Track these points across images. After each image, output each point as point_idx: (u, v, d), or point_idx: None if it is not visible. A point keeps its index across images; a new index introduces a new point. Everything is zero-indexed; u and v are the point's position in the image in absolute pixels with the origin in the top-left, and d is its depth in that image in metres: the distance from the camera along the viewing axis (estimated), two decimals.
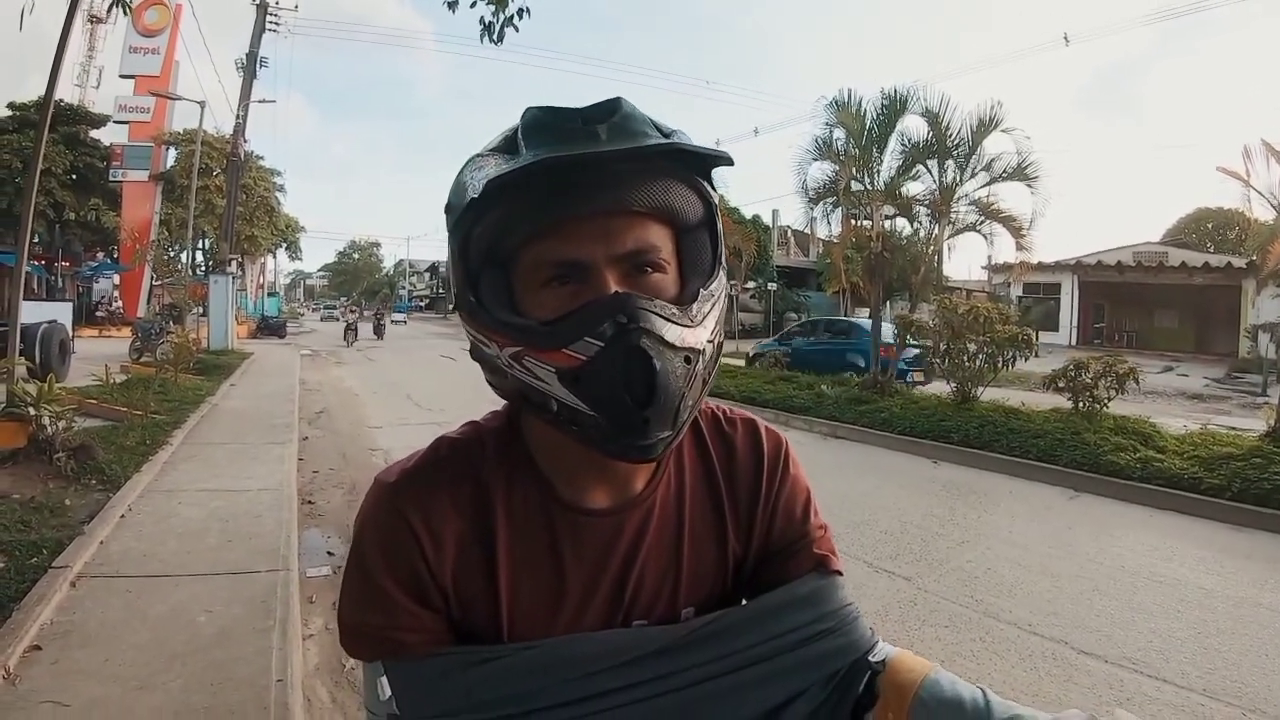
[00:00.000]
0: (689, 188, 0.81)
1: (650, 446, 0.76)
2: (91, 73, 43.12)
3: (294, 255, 51.76)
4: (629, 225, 0.77)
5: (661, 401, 0.74)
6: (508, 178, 0.73)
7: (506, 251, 0.78)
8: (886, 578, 5.27)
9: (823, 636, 0.89)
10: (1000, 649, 4.23)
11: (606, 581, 0.89)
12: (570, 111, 0.78)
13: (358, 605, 0.85)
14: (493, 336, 0.80)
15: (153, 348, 16.45)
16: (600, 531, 0.89)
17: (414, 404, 13.17)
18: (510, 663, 0.82)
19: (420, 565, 0.84)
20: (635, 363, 0.73)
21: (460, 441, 0.93)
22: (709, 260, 0.84)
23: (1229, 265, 29.87)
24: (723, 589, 0.97)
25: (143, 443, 7.70)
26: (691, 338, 0.77)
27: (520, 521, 0.88)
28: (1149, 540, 6.43)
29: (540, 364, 0.76)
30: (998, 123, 12.68)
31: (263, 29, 25.69)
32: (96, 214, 32.83)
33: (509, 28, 6.15)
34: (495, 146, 0.82)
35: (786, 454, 1.03)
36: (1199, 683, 3.89)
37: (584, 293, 0.76)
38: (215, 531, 5.30)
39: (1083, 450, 8.70)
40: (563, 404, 0.77)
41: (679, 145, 0.77)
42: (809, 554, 0.97)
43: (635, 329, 0.73)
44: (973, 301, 12.77)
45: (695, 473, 0.97)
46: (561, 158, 0.72)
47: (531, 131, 0.78)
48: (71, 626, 3.73)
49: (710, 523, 0.96)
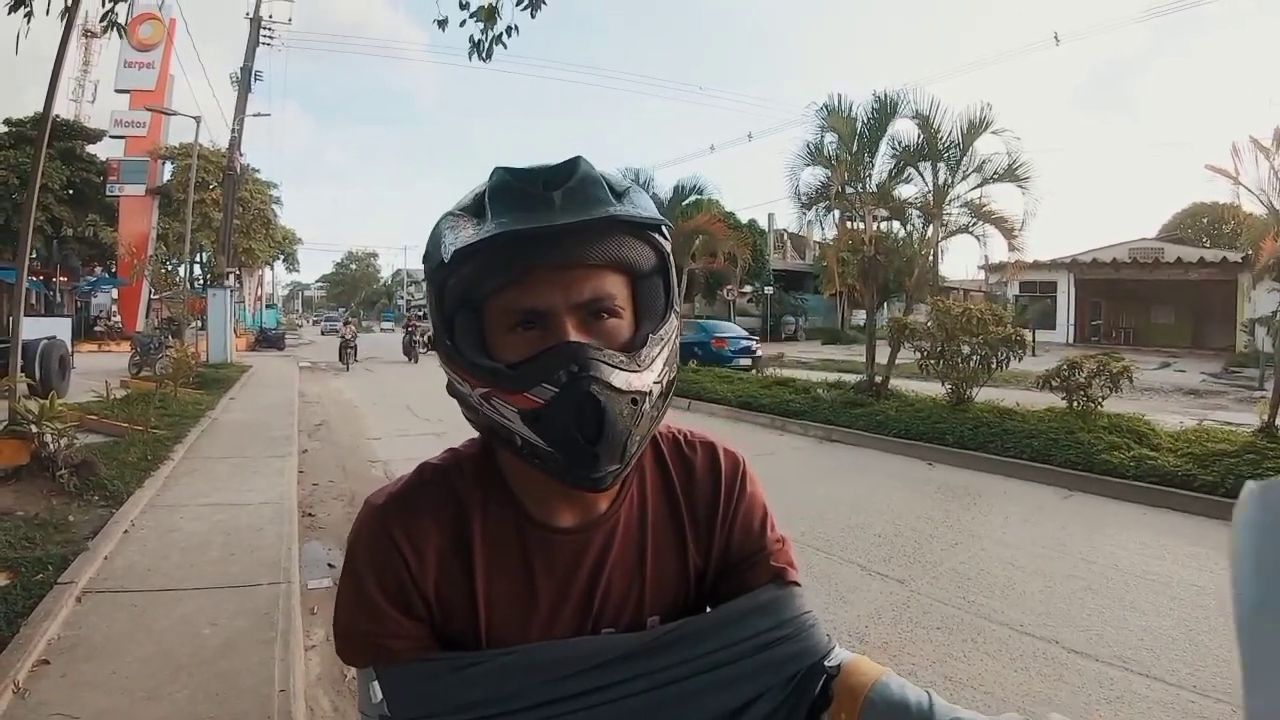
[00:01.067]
0: (641, 240, 0.90)
1: (600, 478, 0.86)
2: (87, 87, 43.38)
3: (291, 267, 51.74)
4: (586, 276, 0.86)
5: (609, 439, 0.83)
6: (471, 247, 0.83)
7: (478, 299, 0.87)
8: (880, 580, 5.33)
9: (781, 642, 0.97)
10: (992, 650, 4.28)
11: (575, 592, 0.98)
12: (532, 174, 0.87)
13: (350, 614, 0.94)
14: (466, 377, 0.89)
15: (152, 362, 16.46)
16: (568, 547, 0.98)
17: (413, 415, 13.19)
18: (489, 668, 0.90)
19: (405, 578, 0.93)
20: (586, 406, 0.82)
21: (441, 467, 1.02)
22: (662, 305, 0.93)
23: (1224, 260, 29.93)
24: (685, 598, 1.04)
25: (144, 458, 7.75)
26: (639, 381, 0.86)
27: (495, 539, 0.97)
28: (1142, 538, 6.48)
29: (505, 405, 0.86)
30: (988, 124, 12.75)
31: (257, 43, 25.78)
32: (94, 229, 32.85)
33: (498, 45, 6.22)
34: (465, 206, 0.91)
35: (744, 473, 1.11)
36: (1189, 680, 3.94)
37: (546, 338, 0.85)
38: (217, 545, 5.36)
39: (1077, 450, 8.75)
40: (525, 440, 0.87)
41: (618, 218, 0.85)
42: (767, 566, 1.05)
43: (586, 376, 0.82)
44: (967, 302, 12.81)
45: (657, 492, 1.06)
46: (519, 232, 0.81)
47: (496, 196, 0.86)
48: (78, 640, 3.78)
49: (671, 537, 1.04)
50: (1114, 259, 33.37)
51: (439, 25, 6.21)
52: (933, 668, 4.06)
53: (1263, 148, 9.03)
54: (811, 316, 43.36)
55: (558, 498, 0.97)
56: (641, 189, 0.92)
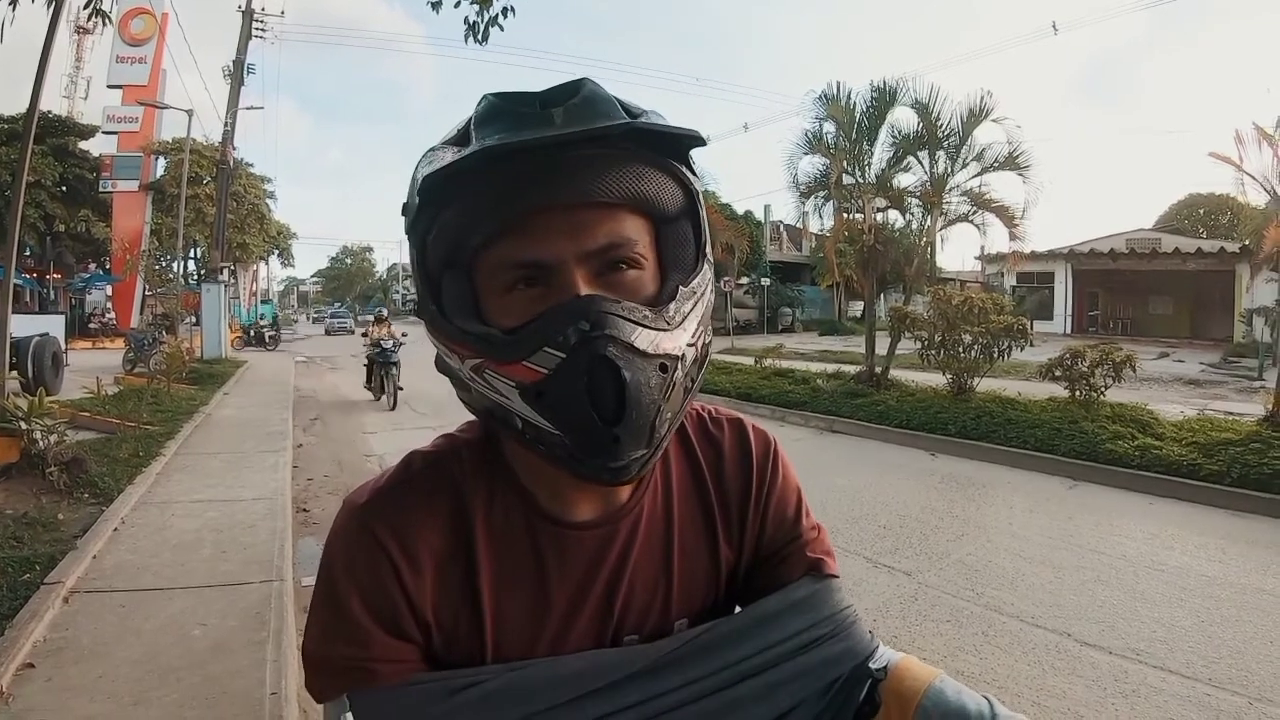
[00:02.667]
0: (665, 174, 0.75)
1: (623, 468, 0.71)
2: (79, 83, 43.10)
3: (286, 262, 51.56)
4: (600, 218, 0.71)
5: (633, 418, 0.68)
6: (450, 169, 0.68)
7: (467, 253, 0.72)
8: (886, 573, 5.24)
9: (821, 642, 0.86)
10: (1003, 643, 4.20)
11: (594, 596, 0.85)
12: (527, 96, 0.72)
13: (325, 640, 0.80)
14: (454, 347, 0.75)
15: (146, 358, 16.37)
16: (586, 544, 0.85)
17: (410, 409, 13.11)
18: (490, 688, 0.77)
19: (395, 591, 0.79)
20: (601, 375, 0.67)
21: (434, 455, 0.88)
22: (692, 253, 0.78)
23: (1222, 250, 29.86)
24: (715, 597, 0.93)
25: (136, 454, 7.64)
26: (668, 342, 0.71)
27: (501, 537, 0.84)
28: (1149, 528, 6.40)
29: (501, 378, 0.71)
30: (988, 112, 12.69)
31: (249, 36, 25.59)
32: (87, 225, 32.70)
33: (494, 27, 6.12)
34: (448, 138, 0.76)
35: (776, 454, 0.99)
36: (1204, 672, 3.87)
37: (551, 296, 0.70)
38: (209, 543, 5.25)
39: (1080, 439, 8.69)
40: (526, 421, 0.72)
41: (639, 125, 0.70)
42: (803, 557, 0.94)
43: (600, 336, 0.67)
44: (967, 292, 12.72)
45: (683, 478, 0.93)
46: (507, 144, 0.67)
47: (484, 119, 0.72)
48: (65, 643, 3.68)
49: (700, 529, 0.92)
50: (1111, 249, 33.26)
51: (433, 7, 6.11)
52: (944, 662, 3.95)
53: (1266, 135, 8.96)
54: (808, 308, 43.32)
55: (573, 488, 0.83)
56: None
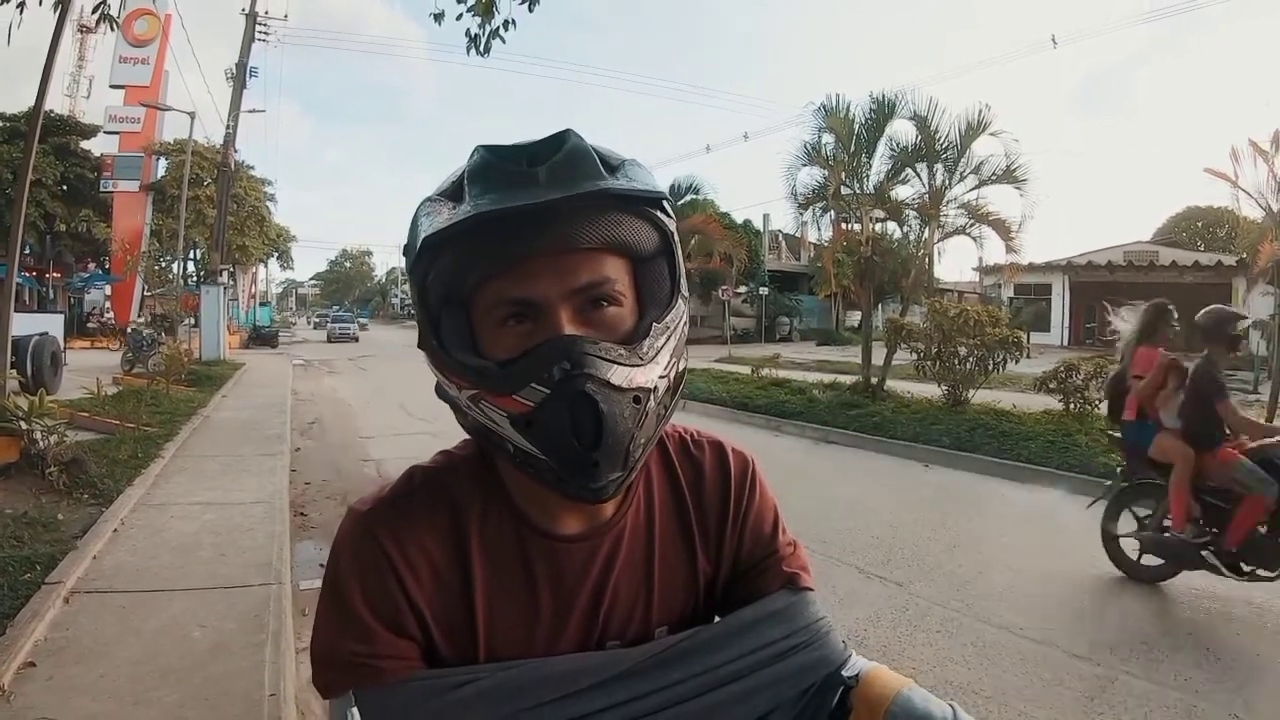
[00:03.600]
0: (641, 219, 0.82)
1: (601, 488, 0.79)
2: (81, 83, 43.06)
3: (285, 264, 51.61)
4: (582, 260, 0.78)
5: (610, 444, 0.76)
6: (443, 234, 0.76)
7: (463, 292, 0.80)
8: (879, 583, 5.28)
9: (796, 651, 0.91)
10: (992, 653, 4.24)
11: (580, 604, 0.91)
12: (515, 153, 0.79)
13: (334, 634, 0.85)
14: (452, 378, 0.83)
15: (145, 359, 16.40)
16: (573, 557, 0.91)
17: (407, 414, 13.12)
18: (485, 685, 0.83)
19: (396, 592, 0.85)
20: (581, 408, 0.74)
21: (434, 470, 0.94)
22: (667, 289, 0.85)
23: (1219, 264, 29.97)
24: (694, 608, 0.99)
25: (135, 455, 7.68)
26: (641, 376, 0.79)
27: (495, 548, 0.90)
28: None
29: (494, 409, 0.79)
30: (986, 126, 12.75)
31: (252, 39, 25.65)
32: (87, 225, 32.67)
33: (495, 39, 6.16)
34: (444, 190, 0.83)
35: (753, 474, 1.06)
36: (1190, 684, 3.91)
37: (538, 332, 0.78)
38: (208, 545, 5.29)
39: (1075, 452, 8.73)
40: (517, 447, 0.80)
41: (608, 190, 0.77)
42: (779, 571, 0.99)
43: (580, 374, 0.74)
44: (963, 304, 12.79)
45: (664, 496, 0.99)
46: (495, 211, 0.74)
47: (475, 176, 0.79)
48: (66, 642, 3.72)
49: (679, 544, 0.99)
50: (1109, 262, 33.35)
51: (435, 19, 6.14)
52: (933, 672, 4.01)
53: (1262, 151, 9.03)
54: (806, 317, 43.36)
55: (561, 504, 0.89)
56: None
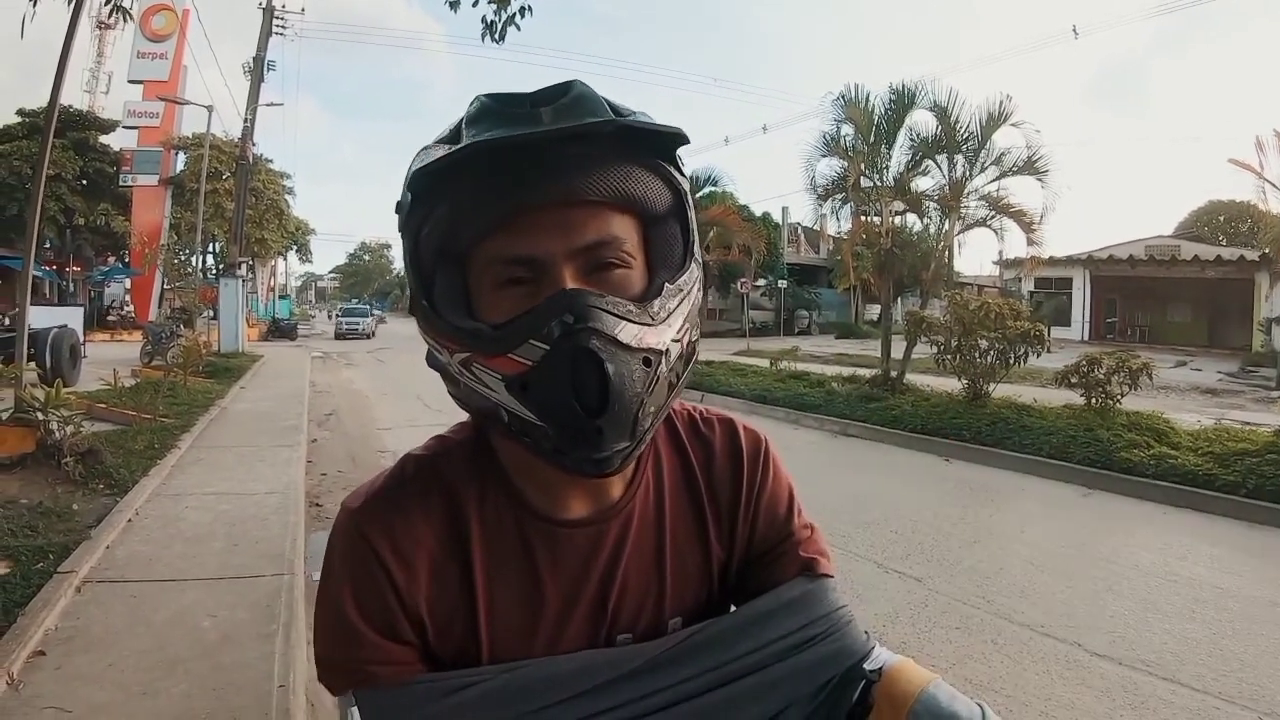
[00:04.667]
0: (652, 173, 0.76)
1: (606, 459, 0.72)
2: (100, 78, 43.46)
3: (304, 258, 51.78)
4: (588, 216, 0.72)
5: (616, 409, 0.69)
6: (435, 165, 0.70)
7: (459, 250, 0.74)
8: (897, 578, 5.22)
9: (814, 643, 0.86)
10: (1012, 651, 4.18)
11: (587, 595, 0.86)
12: (518, 96, 0.74)
13: (327, 639, 0.82)
14: (443, 342, 0.76)
15: (163, 351, 16.48)
16: (578, 543, 0.86)
17: (424, 405, 13.12)
18: (485, 689, 0.78)
19: (389, 596, 0.80)
20: (585, 367, 0.68)
21: (427, 458, 0.89)
22: (679, 253, 0.79)
23: (1241, 258, 29.64)
24: (708, 596, 0.93)
25: (151, 446, 7.69)
26: (651, 337, 0.72)
27: (494, 536, 0.84)
28: (1163, 539, 6.36)
29: (487, 370, 0.73)
30: (1007, 116, 12.60)
31: (269, 32, 25.70)
32: (106, 219, 32.95)
33: (511, 26, 6.12)
34: (441, 137, 0.77)
35: (767, 452, 1.00)
36: (1214, 686, 3.83)
37: (540, 293, 0.71)
38: (221, 535, 5.28)
39: (1095, 447, 8.62)
40: (512, 414, 0.73)
41: (624, 123, 0.71)
42: (796, 556, 0.94)
43: (584, 329, 0.68)
44: (984, 297, 12.66)
45: (674, 476, 0.94)
46: (496, 139, 0.68)
47: (474, 118, 0.74)
48: (75, 632, 3.70)
49: (692, 528, 0.93)
50: (1130, 256, 33.07)
51: (451, 6, 6.11)
52: (952, 669, 3.95)
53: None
54: (825, 311, 43.23)
55: (565, 485, 0.84)
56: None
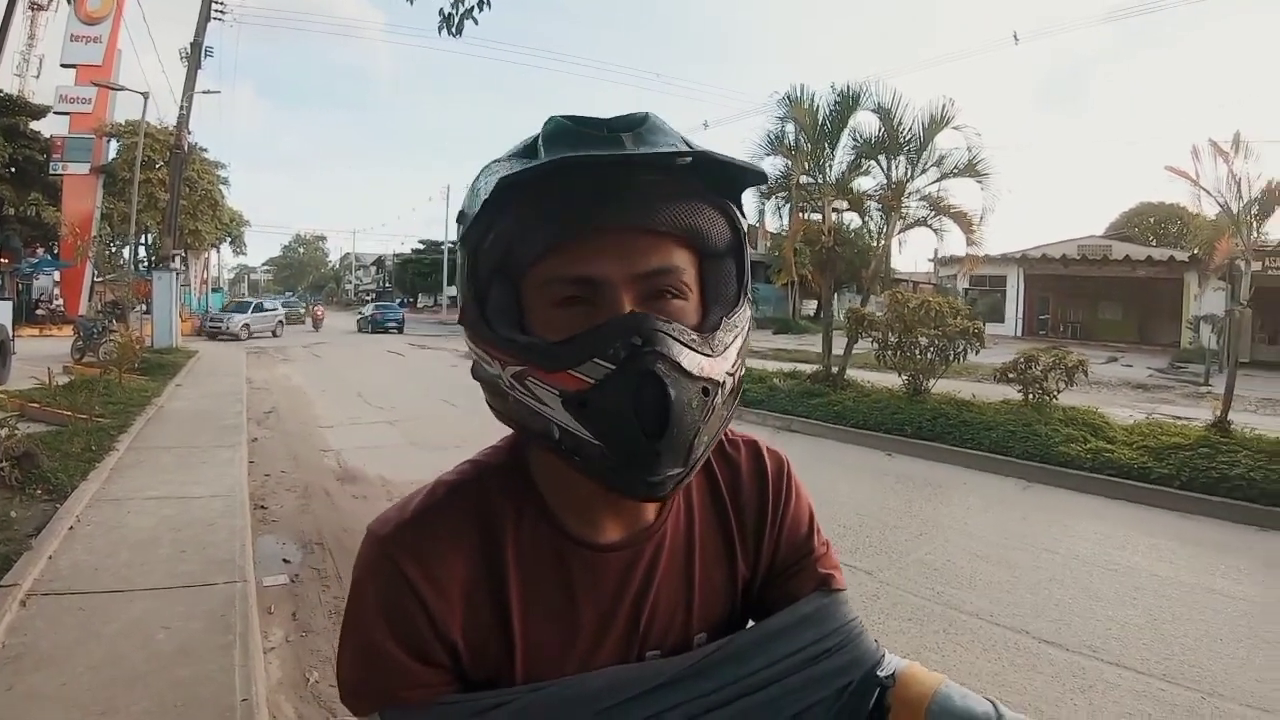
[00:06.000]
0: (718, 211, 0.78)
1: (659, 484, 0.72)
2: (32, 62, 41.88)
3: (238, 250, 50.73)
4: (652, 244, 0.74)
5: (675, 434, 0.70)
6: (524, 175, 0.69)
7: (518, 265, 0.74)
8: (848, 572, 5.13)
9: (830, 654, 0.89)
10: (963, 640, 4.30)
11: (621, 616, 0.87)
12: (595, 120, 0.75)
13: (358, 665, 0.81)
14: (495, 354, 0.76)
15: (95, 347, 16.03)
16: (614, 566, 0.87)
17: (365, 402, 12.99)
18: (515, 708, 0.78)
19: (422, 622, 0.79)
20: (648, 389, 0.69)
21: (459, 483, 0.88)
22: (734, 290, 0.81)
23: (1172, 259, 30.63)
24: (731, 611, 0.96)
25: (88, 448, 7.46)
26: (712, 368, 0.74)
27: (531, 561, 0.85)
28: (1102, 529, 6.57)
29: (544, 386, 0.73)
30: (949, 120, 12.78)
31: (208, 17, 24.99)
32: (36, 208, 31.76)
33: (468, 20, 6.05)
34: (513, 152, 0.78)
35: (789, 474, 1.02)
36: (1158, 668, 4.00)
37: (598, 315, 0.72)
38: (167, 542, 5.15)
39: (1034, 442, 8.87)
40: (565, 431, 0.73)
41: (710, 155, 0.72)
42: (814, 572, 0.97)
43: (650, 352, 0.69)
44: (923, 295, 12.87)
45: (703, 498, 0.95)
46: (584, 157, 0.69)
47: (553, 137, 0.74)
48: (24, 649, 3.58)
49: (719, 546, 0.95)
50: (1063, 255, 33.86)
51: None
52: (907, 659, 4.02)
53: (1222, 150, 9.15)
54: (763, 306, 43.50)
55: (602, 509, 0.85)
56: None
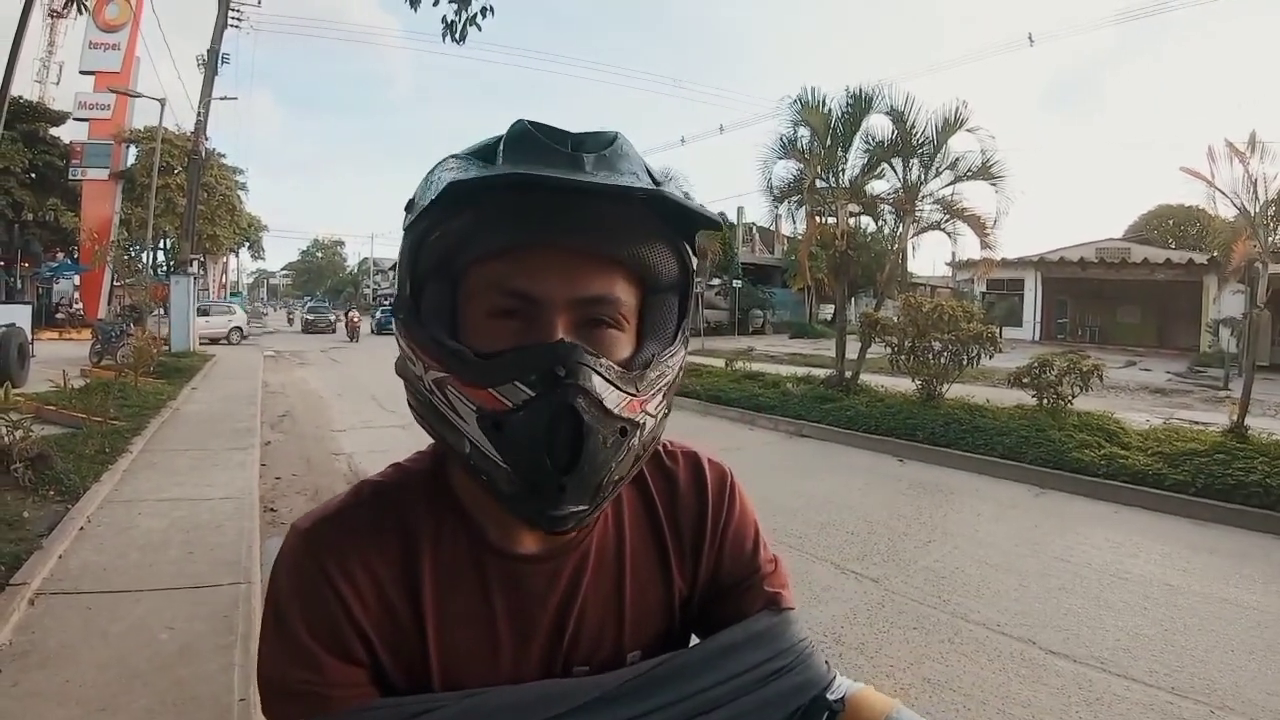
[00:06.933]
0: (669, 248, 0.77)
1: (560, 518, 0.72)
2: (51, 69, 42.41)
3: (256, 254, 51.10)
4: (596, 270, 0.72)
5: (584, 471, 0.69)
6: (474, 183, 0.68)
7: (458, 267, 0.73)
8: (854, 579, 5.27)
9: (780, 675, 0.86)
10: (969, 650, 4.25)
11: (543, 628, 0.85)
12: (559, 133, 0.73)
13: (279, 662, 0.79)
14: (420, 355, 0.75)
15: (113, 350, 16.16)
16: (534, 578, 0.85)
17: (379, 406, 13.03)
18: (445, 715, 0.77)
19: (340, 616, 0.78)
20: (564, 422, 0.68)
21: (384, 485, 0.87)
22: (672, 329, 0.80)
23: (1190, 261, 30.31)
24: (669, 630, 0.93)
25: (102, 450, 7.53)
26: (633, 407, 0.73)
27: (449, 569, 0.83)
28: (1114, 537, 6.50)
29: (462, 399, 0.72)
30: (962, 122, 12.72)
31: (224, 25, 25.23)
32: (55, 213, 32.13)
33: (471, 26, 6.08)
34: (473, 150, 0.76)
35: (732, 486, 0.99)
36: (1167, 681, 3.93)
37: (529, 332, 0.71)
38: (176, 543, 5.19)
39: (1048, 447, 8.79)
40: (476, 448, 0.72)
41: (666, 195, 0.71)
42: (761, 590, 0.94)
43: (573, 385, 0.68)
44: (937, 299, 12.82)
45: (634, 510, 0.93)
46: (537, 176, 0.67)
47: (513, 144, 0.73)
48: (30, 646, 3.63)
49: (653, 562, 0.93)
50: (1081, 258, 33.62)
51: (411, 4, 6.05)
52: (910, 669, 4.01)
53: (1238, 151, 9.06)
54: (779, 310, 43.43)
55: (520, 521, 0.81)
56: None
